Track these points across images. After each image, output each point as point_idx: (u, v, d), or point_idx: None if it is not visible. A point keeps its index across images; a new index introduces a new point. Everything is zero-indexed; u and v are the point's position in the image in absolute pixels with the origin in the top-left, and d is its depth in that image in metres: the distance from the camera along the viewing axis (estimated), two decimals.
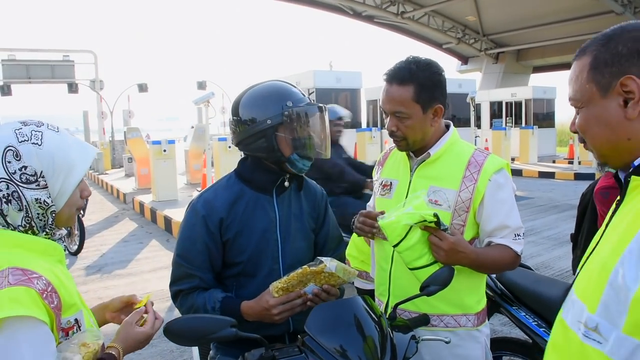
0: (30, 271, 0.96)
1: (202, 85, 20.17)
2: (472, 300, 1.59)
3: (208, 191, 1.54)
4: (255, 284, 1.47)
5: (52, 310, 0.96)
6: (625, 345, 0.73)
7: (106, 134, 22.66)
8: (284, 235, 1.52)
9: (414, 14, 20.31)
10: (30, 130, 1.04)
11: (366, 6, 19.44)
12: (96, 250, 6.40)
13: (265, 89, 1.51)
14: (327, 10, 22.50)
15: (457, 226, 1.52)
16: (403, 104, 1.51)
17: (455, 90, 16.29)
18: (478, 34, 23.13)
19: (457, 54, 26.45)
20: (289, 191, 1.57)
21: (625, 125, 0.83)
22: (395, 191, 1.64)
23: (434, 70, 1.54)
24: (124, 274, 5.66)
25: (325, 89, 14.62)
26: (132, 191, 11.29)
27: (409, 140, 1.56)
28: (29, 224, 1.03)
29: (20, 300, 0.91)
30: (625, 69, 0.82)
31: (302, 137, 1.46)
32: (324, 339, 1.19)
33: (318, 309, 1.28)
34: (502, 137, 14.56)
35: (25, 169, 1.01)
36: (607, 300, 0.76)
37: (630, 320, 0.72)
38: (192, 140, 12.34)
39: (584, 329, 0.80)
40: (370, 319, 1.30)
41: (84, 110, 23.93)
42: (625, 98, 0.82)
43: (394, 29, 24.70)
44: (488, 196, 1.51)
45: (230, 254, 1.48)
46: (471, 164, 1.55)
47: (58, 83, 23.35)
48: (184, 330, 1.02)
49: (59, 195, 1.06)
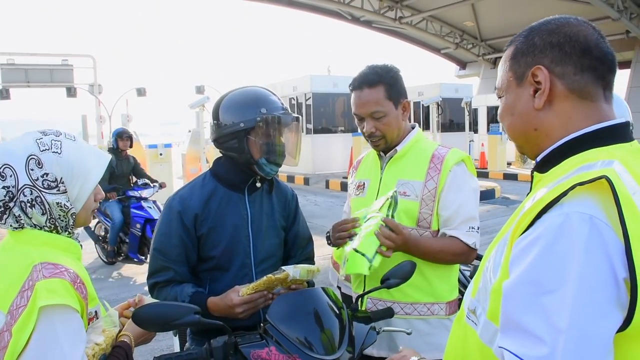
0: (60, 265, 1.06)
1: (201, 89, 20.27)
2: (443, 289, 1.69)
3: (184, 188, 1.64)
4: (228, 278, 1.57)
5: (83, 299, 1.06)
6: (489, 329, 0.80)
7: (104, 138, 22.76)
8: (255, 231, 1.61)
9: (412, 19, 20.44)
10: (51, 139, 1.13)
11: (364, 11, 19.56)
12: (91, 253, 6.48)
13: (244, 93, 1.60)
14: (326, 15, 22.65)
15: (426, 215, 1.64)
16: (378, 103, 1.65)
17: (452, 95, 16.41)
18: (476, 39, 23.25)
19: (455, 59, 26.57)
20: (261, 191, 1.66)
21: (533, 115, 0.84)
22: (368, 189, 1.77)
23: (395, 70, 1.70)
24: (117, 276, 5.76)
25: (322, 93, 14.73)
26: None
27: (387, 137, 1.69)
28: (53, 224, 1.12)
29: (56, 290, 1.00)
30: (538, 60, 0.83)
31: (272, 143, 1.54)
32: (284, 327, 1.28)
33: (280, 298, 1.37)
34: (498, 141, 14.65)
35: (46, 175, 1.10)
36: (481, 287, 0.83)
37: (491, 307, 0.78)
38: (189, 144, 12.44)
39: (467, 311, 0.88)
40: (330, 309, 1.38)
41: (82, 114, 23.99)
42: (536, 88, 0.83)
43: (392, 34, 24.83)
44: (447, 185, 1.64)
45: (205, 249, 1.57)
46: (434, 157, 1.68)
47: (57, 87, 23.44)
48: (150, 316, 1.11)
49: (76, 199, 1.15)
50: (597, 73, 0.81)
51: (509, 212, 8.87)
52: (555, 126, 0.82)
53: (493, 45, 23.66)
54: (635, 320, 0.66)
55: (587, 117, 0.81)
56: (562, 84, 0.81)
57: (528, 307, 0.68)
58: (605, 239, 0.67)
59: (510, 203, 9.88)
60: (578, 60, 0.80)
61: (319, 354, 1.25)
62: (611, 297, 0.66)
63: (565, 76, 0.81)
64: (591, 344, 0.65)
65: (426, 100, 14.33)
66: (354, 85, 1.70)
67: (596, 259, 0.66)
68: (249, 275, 1.59)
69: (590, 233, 0.67)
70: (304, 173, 14.51)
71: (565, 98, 0.81)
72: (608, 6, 14.80)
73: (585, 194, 0.70)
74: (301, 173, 14.52)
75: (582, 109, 0.81)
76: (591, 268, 0.66)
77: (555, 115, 0.82)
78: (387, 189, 1.68)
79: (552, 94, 0.82)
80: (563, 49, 0.81)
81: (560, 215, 0.69)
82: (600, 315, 0.65)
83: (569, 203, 0.70)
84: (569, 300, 0.65)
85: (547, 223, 0.70)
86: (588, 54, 0.81)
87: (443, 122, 16.68)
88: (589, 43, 0.81)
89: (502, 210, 9.14)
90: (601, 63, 0.81)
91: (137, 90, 23.34)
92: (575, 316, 0.65)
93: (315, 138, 14.85)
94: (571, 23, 0.83)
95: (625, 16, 15.48)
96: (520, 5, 18.47)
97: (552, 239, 0.68)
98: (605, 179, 0.69)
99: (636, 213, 0.68)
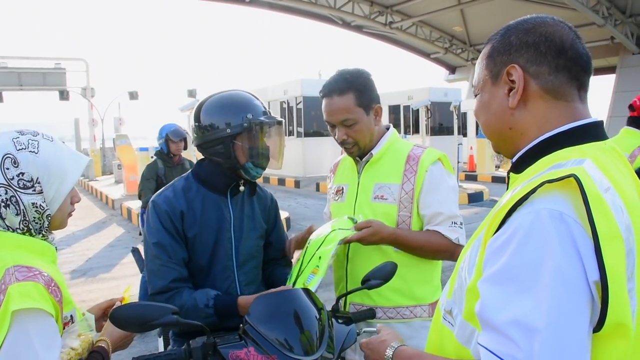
0: (34, 268, 1.03)
1: (193, 93, 20.22)
2: (424, 291, 1.69)
3: (168, 189, 1.63)
4: (210, 280, 1.58)
5: (57, 303, 1.04)
6: (465, 329, 0.79)
7: (97, 141, 22.60)
8: (237, 234, 1.62)
9: (402, 24, 20.57)
10: (27, 139, 1.11)
11: (355, 16, 19.67)
12: (82, 255, 6.44)
13: (227, 98, 1.61)
14: (317, 20, 22.72)
15: (405, 217, 1.64)
16: (348, 111, 1.64)
17: (440, 99, 16.52)
18: (465, 44, 23.45)
19: (444, 64, 26.76)
20: (242, 194, 1.68)
21: (508, 114, 0.84)
22: (347, 195, 1.77)
23: (366, 76, 1.68)
24: (107, 277, 5.72)
25: (312, 97, 14.75)
26: (121, 197, 11.31)
27: (360, 144, 1.69)
28: (27, 226, 1.10)
29: (29, 294, 0.98)
30: (513, 59, 0.82)
31: (258, 147, 1.56)
32: (263, 328, 1.28)
33: (260, 299, 1.37)
34: (486, 145, 14.74)
35: (22, 175, 1.08)
36: (457, 288, 0.83)
37: (467, 307, 0.78)
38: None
39: (443, 312, 0.88)
40: (310, 310, 1.38)
41: (75, 117, 23.87)
42: (510, 87, 0.83)
43: (383, 39, 24.96)
44: (425, 186, 1.64)
45: (190, 251, 1.57)
46: (410, 157, 1.67)
47: (49, 90, 23.29)
48: (128, 316, 1.10)
49: (52, 200, 1.13)
50: (571, 73, 0.81)
51: None
52: (530, 125, 0.82)
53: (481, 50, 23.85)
54: (608, 322, 0.65)
55: (562, 117, 0.80)
56: (536, 83, 0.81)
57: (502, 307, 0.67)
58: (575, 236, 0.66)
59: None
60: (553, 60, 0.80)
61: (297, 354, 1.25)
62: (584, 294, 0.65)
63: (540, 76, 0.80)
64: (568, 343, 0.63)
65: (415, 104, 14.44)
66: (324, 92, 1.68)
67: (569, 255, 0.65)
68: (231, 277, 1.60)
69: (561, 229, 0.66)
70: (294, 176, 14.52)
71: (539, 98, 0.81)
72: (593, 12, 15.01)
73: (556, 192, 0.69)
74: (292, 176, 14.52)
75: (557, 108, 0.81)
76: (565, 265, 0.65)
77: (530, 115, 0.82)
78: (365, 193, 1.69)
79: (526, 94, 0.82)
80: (538, 48, 0.81)
81: (531, 212, 0.69)
82: (576, 313, 0.64)
83: (539, 200, 0.70)
84: (544, 298, 0.64)
85: (518, 221, 0.69)
86: (563, 54, 0.80)
87: (432, 125, 16.80)
88: (564, 43, 0.80)
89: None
90: (576, 64, 0.81)
91: (129, 94, 23.24)
92: (551, 315, 0.64)
93: (305, 141, 14.88)
94: (547, 23, 0.83)
95: (610, 22, 15.70)
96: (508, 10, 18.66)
97: (523, 236, 0.68)
98: (574, 178, 0.68)
99: (606, 211, 0.67)
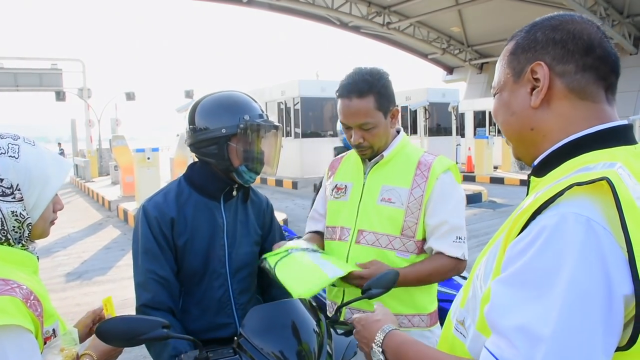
0: (12, 281, 0.96)
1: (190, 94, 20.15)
2: (424, 300, 1.64)
3: (158, 195, 1.57)
4: (202, 288, 1.52)
5: (37, 317, 0.97)
6: (478, 341, 0.74)
7: (93, 142, 22.51)
8: (230, 240, 1.56)
9: (400, 24, 20.59)
10: (7, 143, 1.04)
11: (353, 17, 19.67)
12: (77, 257, 6.36)
13: (224, 98, 1.55)
14: (315, 20, 22.72)
15: (411, 223, 1.58)
16: (368, 115, 1.56)
17: (439, 99, 16.50)
18: (463, 45, 23.49)
19: (442, 64, 26.80)
20: (236, 199, 1.62)
21: (529, 113, 0.80)
22: (350, 193, 1.70)
23: (386, 77, 1.61)
24: (103, 280, 5.65)
25: (310, 97, 14.72)
26: (117, 199, 11.26)
27: (375, 147, 1.62)
28: (5, 236, 1.03)
29: (5, 309, 0.91)
30: (538, 56, 0.78)
31: (253, 150, 1.50)
32: (258, 341, 1.23)
33: (255, 310, 1.31)
34: (484, 145, 14.76)
35: (1, 181, 1.01)
36: (470, 297, 0.79)
37: (481, 318, 0.73)
38: (177, 148, 12.33)
39: (455, 322, 0.83)
40: (308, 321, 1.33)
41: (71, 118, 23.80)
42: (534, 85, 0.79)
43: (380, 39, 24.99)
44: (435, 194, 1.58)
45: (181, 260, 1.52)
46: (421, 163, 1.62)
47: (46, 91, 23.21)
48: (115, 330, 1.04)
49: (34, 208, 1.06)
50: (598, 73, 0.77)
51: (495, 215, 8.92)
52: (553, 127, 0.78)
53: (479, 50, 23.92)
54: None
55: (588, 119, 0.76)
56: (561, 82, 0.77)
57: (510, 311, 0.64)
58: (602, 244, 0.62)
59: (497, 207, 9.92)
60: (580, 59, 0.76)
61: None
62: (601, 307, 0.60)
63: (566, 75, 0.77)
64: (573, 357, 0.59)
65: (414, 105, 14.42)
66: (341, 92, 1.59)
67: (590, 265, 0.61)
68: (225, 285, 1.54)
69: (586, 236, 0.62)
70: (292, 177, 14.46)
71: (564, 98, 0.77)
72: (591, 13, 15.05)
73: (583, 195, 0.65)
74: (289, 177, 14.47)
75: (582, 109, 0.77)
76: (584, 275, 0.61)
77: (553, 116, 0.78)
78: (371, 194, 1.63)
79: (550, 93, 0.78)
80: (566, 46, 0.77)
81: (555, 215, 0.65)
82: (588, 327, 0.60)
83: (565, 203, 0.66)
84: (555, 307, 0.60)
85: (542, 224, 0.65)
86: (591, 52, 0.76)
87: (430, 126, 16.78)
88: (593, 42, 0.77)
89: (489, 213, 9.17)
90: (604, 63, 0.77)
91: (126, 95, 23.16)
92: (559, 325, 0.60)
93: (303, 142, 14.82)
94: (575, 20, 0.79)
95: (608, 23, 15.77)
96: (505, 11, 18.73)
97: (544, 240, 0.64)
98: (606, 181, 0.64)
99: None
